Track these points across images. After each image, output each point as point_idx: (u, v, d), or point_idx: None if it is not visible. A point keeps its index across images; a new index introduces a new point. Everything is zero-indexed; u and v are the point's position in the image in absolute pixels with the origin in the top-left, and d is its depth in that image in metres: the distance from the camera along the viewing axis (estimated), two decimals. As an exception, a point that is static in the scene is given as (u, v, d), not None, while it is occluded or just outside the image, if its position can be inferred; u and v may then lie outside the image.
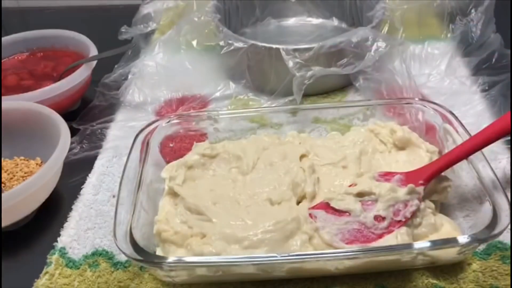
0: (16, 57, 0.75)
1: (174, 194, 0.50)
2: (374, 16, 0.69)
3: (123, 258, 0.49)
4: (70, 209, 0.54)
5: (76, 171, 0.59)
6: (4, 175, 0.56)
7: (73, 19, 0.93)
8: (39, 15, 0.98)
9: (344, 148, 0.53)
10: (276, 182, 0.49)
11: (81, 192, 0.57)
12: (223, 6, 0.76)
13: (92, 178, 0.58)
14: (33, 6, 1.00)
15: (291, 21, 0.85)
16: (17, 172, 0.57)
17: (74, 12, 0.98)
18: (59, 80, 0.65)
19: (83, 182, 0.58)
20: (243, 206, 0.48)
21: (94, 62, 0.68)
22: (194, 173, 0.52)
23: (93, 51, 0.69)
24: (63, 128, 0.55)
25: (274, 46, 0.64)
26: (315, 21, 0.84)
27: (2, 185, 0.56)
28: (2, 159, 0.59)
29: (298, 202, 0.49)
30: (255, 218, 0.45)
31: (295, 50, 0.63)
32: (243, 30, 0.82)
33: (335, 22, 0.83)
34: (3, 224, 0.50)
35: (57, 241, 0.51)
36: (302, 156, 0.53)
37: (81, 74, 0.65)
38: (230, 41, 0.66)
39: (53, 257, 0.50)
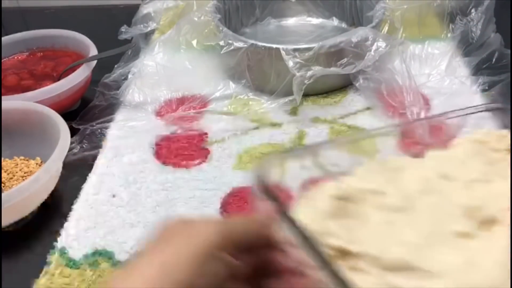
0: (16, 57, 0.75)
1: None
2: (374, 16, 0.69)
3: (123, 257, 0.49)
4: (70, 209, 0.54)
5: (76, 171, 0.59)
6: (4, 175, 0.56)
7: (73, 19, 0.93)
8: (39, 15, 0.98)
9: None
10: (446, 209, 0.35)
11: (81, 192, 0.57)
12: (223, 6, 0.76)
13: (92, 178, 0.58)
14: (33, 6, 1.00)
15: (291, 21, 0.84)
16: (17, 172, 0.57)
17: (74, 12, 0.98)
18: (59, 80, 0.65)
19: (83, 182, 0.58)
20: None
21: (94, 62, 0.68)
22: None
23: (93, 51, 0.69)
24: (63, 128, 0.55)
25: (274, 46, 0.64)
26: (315, 21, 0.84)
27: (2, 185, 0.56)
28: (2, 159, 0.59)
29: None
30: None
31: (295, 50, 0.62)
32: (243, 30, 0.82)
33: (335, 22, 0.83)
34: (3, 224, 0.50)
35: (57, 241, 0.51)
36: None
37: (81, 74, 0.65)
38: (230, 41, 0.66)
39: (53, 257, 0.50)
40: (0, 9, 0.91)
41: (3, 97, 0.61)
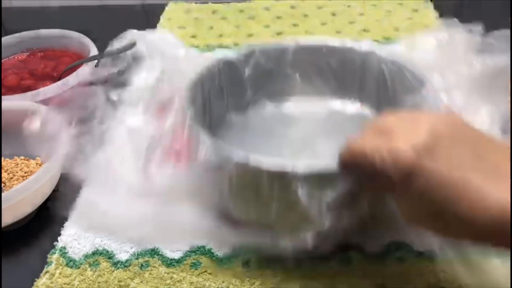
0: (16, 57, 0.75)
1: None
2: (415, 103, 0.49)
3: (123, 257, 0.49)
4: (71, 209, 0.54)
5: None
6: (4, 175, 0.56)
7: (73, 19, 0.93)
8: (39, 15, 0.98)
9: None
10: None
11: (81, 191, 0.56)
12: (201, 92, 0.54)
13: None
14: (33, 6, 1.00)
15: (294, 104, 0.61)
16: (17, 172, 0.57)
17: (74, 12, 0.98)
18: (59, 80, 0.65)
19: (83, 182, 0.58)
20: None
21: (94, 62, 0.68)
22: None
23: (93, 51, 0.69)
24: (63, 128, 0.55)
25: (273, 168, 0.40)
26: (327, 103, 0.60)
27: (2, 185, 0.56)
28: (2, 159, 0.59)
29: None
30: None
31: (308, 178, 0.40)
32: (229, 118, 0.59)
33: (354, 104, 0.59)
34: (3, 224, 0.50)
35: (57, 241, 0.51)
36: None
37: (81, 74, 0.65)
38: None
39: (54, 257, 0.50)
40: (0, 9, 0.91)
41: (3, 97, 0.61)
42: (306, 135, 0.55)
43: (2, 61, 0.73)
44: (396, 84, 0.54)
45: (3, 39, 0.74)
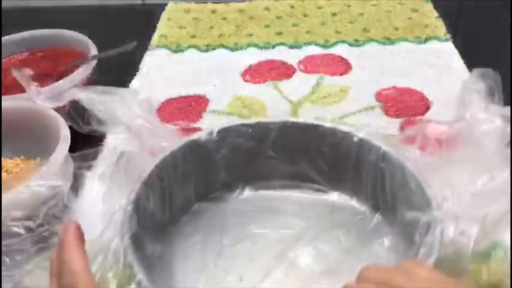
0: (16, 57, 0.75)
1: None
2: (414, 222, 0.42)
3: (123, 257, 0.49)
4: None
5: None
6: (4, 175, 0.56)
7: (73, 19, 0.93)
8: (39, 15, 0.98)
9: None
10: None
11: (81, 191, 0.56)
12: (159, 179, 0.46)
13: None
14: (33, 6, 1.00)
15: (275, 191, 0.52)
16: (17, 172, 0.57)
17: (74, 12, 0.98)
18: (59, 80, 0.65)
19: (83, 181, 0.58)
20: None
21: (94, 62, 0.68)
22: None
23: (93, 51, 0.69)
24: (63, 128, 0.55)
25: None
26: (311, 194, 0.52)
27: (2, 184, 0.56)
28: (2, 159, 0.59)
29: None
30: None
31: None
32: (196, 208, 0.51)
33: (343, 197, 0.51)
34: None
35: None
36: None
37: (81, 74, 0.65)
38: None
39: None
40: (0, 9, 0.91)
41: (3, 97, 0.61)
42: (286, 236, 0.47)
43: (2, 61, 0.73)
44: (396, 191, 0.46)
45: (3, 39, 0.74)
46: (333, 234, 0.47)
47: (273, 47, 0.81)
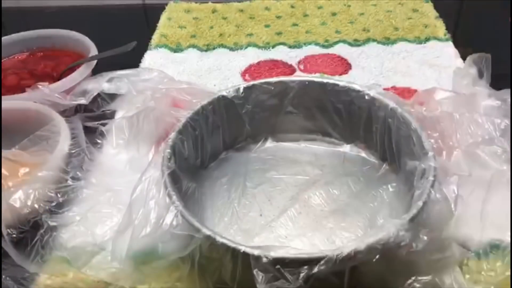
0: (16, 57, 0.75)
1: None
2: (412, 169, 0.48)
3: (123, 257, 0.49)
4: (71, 208, 0.54)
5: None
6: (4, 174, 0.56)
7: (73, 19, 0.93)
8: (39, 15, 0.98)
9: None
10: None
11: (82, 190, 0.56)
12: (192, 129, 0.53)
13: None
14: (33, 6, 1.00)
15: (294, 143, 0.60)
16: (17, 172, 0.57)
17: (74, 12, 0.98)
18: (59, 80, 0.65)
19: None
20: None
21: (94, 62, 0.68)
22: None
23: (93, 51, 0.69)
24: (63, 128, 0.55)
25: (239, 247, 0.39)
26: (328, 146, 0.59)
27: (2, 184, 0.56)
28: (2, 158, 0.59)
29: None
30: None
31: (276, 261, 0.38)
32: (225, 156, 0.58)
33: (355, 149, 0.58)
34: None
35: (57, 240, 0.51)
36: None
37: (81, 74, 0.65)
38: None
39: (54, 256, 0.49)
40: (0, 9, 0.91)
41: (3, 97, 0.61)
42: (301, 181, 0.55)
43: (2, 61, 0.73)
44: (401, 144, 0.52)
45: (3, 39, 0.74)
46: (344, 180, 0.54)
47: (273, 47, 0.81)
